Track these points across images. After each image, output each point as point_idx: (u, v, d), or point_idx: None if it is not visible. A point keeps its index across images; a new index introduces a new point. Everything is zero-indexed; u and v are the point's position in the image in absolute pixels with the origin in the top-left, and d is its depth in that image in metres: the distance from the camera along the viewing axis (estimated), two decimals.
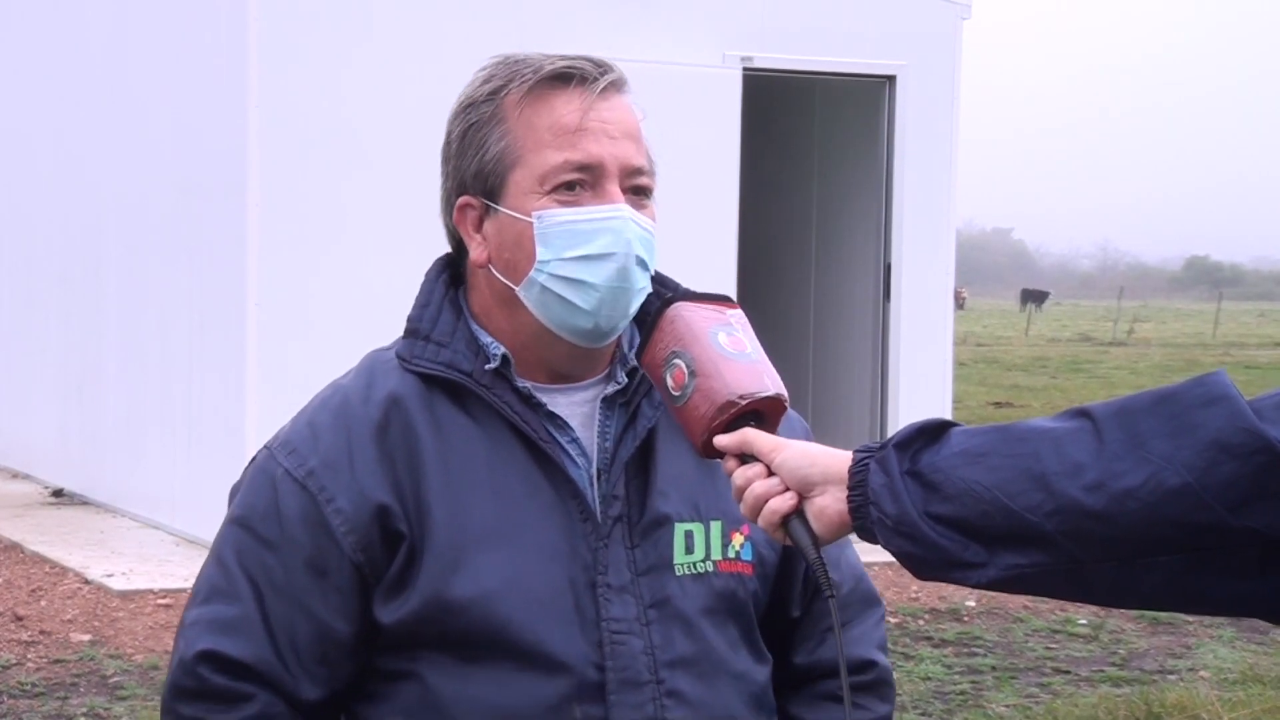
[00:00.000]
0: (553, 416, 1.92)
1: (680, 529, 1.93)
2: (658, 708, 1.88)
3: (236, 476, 1.99)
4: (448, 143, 1.96)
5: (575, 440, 1.93)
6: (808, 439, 1.91)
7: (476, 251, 1.94)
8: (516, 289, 1.91)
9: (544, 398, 1.92)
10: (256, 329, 8.71)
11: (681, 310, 1.81)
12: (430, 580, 1.85)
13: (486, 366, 1.91)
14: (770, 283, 11.50)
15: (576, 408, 1.95)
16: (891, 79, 10.20)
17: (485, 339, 1.93)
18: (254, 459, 1.96)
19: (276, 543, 1.88)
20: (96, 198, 10.86)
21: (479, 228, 1.94)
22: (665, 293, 1.93)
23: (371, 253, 8.78)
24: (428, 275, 2.00)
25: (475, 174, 1.92)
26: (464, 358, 1.91)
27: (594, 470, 1.93)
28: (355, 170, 8.88)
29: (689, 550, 1.93)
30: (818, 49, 10.04)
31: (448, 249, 2.03)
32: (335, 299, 8.74)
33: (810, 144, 11.61)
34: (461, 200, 1.94)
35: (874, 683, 2.09)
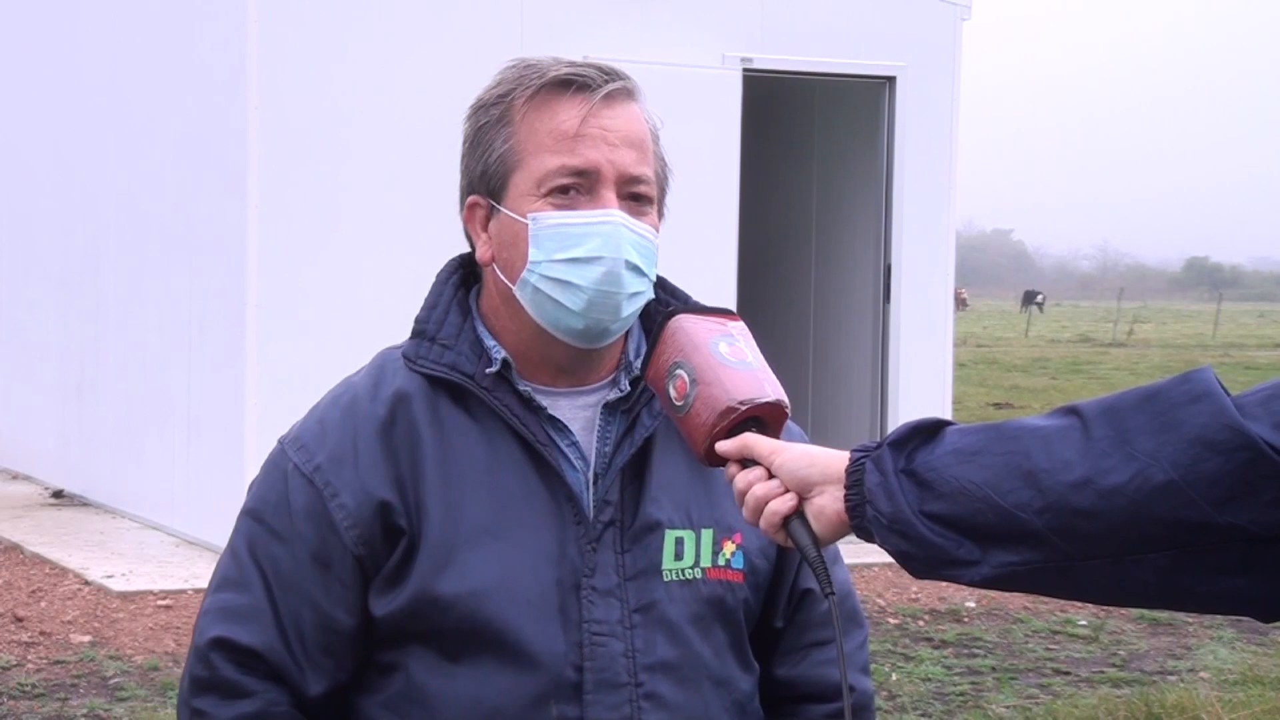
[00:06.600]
0: (554, 420, 1.95)
1: (671, 535, 1.95)
2: (634, 709, 1.90)
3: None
4: (463, 142, 2.01)
5: (575, 444, 1.95)
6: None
7: (482, 250, 1.99)
8: (513, 288, 1.94)
9: (546, 401, 1.95)
10: (256, 330, 8.71)
11: (683, 322, 1.84)
12: (420, 576, 1.88)
13: (488, 370, 1.93)
14: (770, 284, 11.50)
15: (579, 412, 1.97)
16: (891, 80, 10.20)
17: (489, 342, 1.96)
18: (270, 453, 2.00)
19: (285, 535, 1.93)
20: (96, 199, 10.87)
21: (485, 226, 1.98)
22: (673, 304, 1.97)
23: (370, 253, 8.79)
24: (438, 276, 2.04)
25: (482, 174, 1.97)
26: (467, 360, 1.94)
27: (591, 474, 1.95)
28: (354, 171, 8.88)
29: (678, 556, 1.95)
30: (818, 50, 10.04)
31: (444, 249, 2.05)
32: (334, 299, 8.75)
33: (810, 145, 11.61)
34: (470, 199, 1.99)
35: (853, 708, 2.05)
